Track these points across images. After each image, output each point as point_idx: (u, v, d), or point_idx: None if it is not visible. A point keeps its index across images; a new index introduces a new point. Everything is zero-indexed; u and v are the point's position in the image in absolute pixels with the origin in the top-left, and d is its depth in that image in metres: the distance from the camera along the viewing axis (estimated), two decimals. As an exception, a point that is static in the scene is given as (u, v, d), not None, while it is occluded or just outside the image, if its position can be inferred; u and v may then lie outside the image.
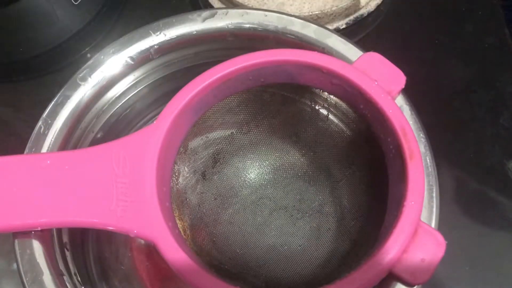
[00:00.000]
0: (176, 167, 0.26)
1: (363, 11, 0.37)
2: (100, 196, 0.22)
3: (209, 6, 0.39)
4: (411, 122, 0.24)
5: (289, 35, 0.28)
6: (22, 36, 0.40)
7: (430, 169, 0.24)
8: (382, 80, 0.24)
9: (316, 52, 0.25)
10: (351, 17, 0.37)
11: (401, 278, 0.20)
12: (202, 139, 0.28)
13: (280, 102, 0.28)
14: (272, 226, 0.25)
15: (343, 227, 0.25)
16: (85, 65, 0.28)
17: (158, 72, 0.31)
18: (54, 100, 0.27)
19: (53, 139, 0.26)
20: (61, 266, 0.24)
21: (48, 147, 0.26)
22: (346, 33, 0.30)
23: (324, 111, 0.28)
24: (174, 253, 0.20)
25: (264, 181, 0.24)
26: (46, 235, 0.24)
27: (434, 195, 0.24)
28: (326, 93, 0.27)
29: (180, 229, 0.24)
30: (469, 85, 0.38)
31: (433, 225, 0.23)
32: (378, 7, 0.38)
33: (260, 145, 0.27)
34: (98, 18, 0.42)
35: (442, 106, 0.38)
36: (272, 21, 0.28)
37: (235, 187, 0.28)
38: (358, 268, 0.21)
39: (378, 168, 0.25)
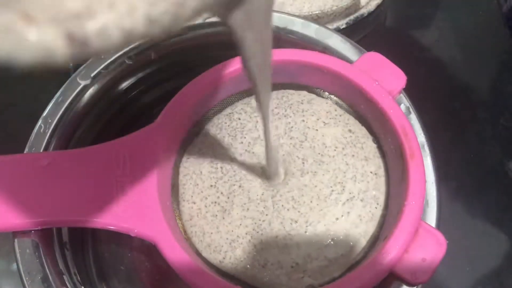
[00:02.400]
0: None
1: (363, 11, 0.37)
2: (100, 196, 0.22)
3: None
4: (411, 122, 0.24)
5: (289, 35, 0.28)
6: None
7: (430, 169, 0.24)
8: (382, 80, 0.24)
9: (316, 52, 0.25)
10: (352, 17, 0.37)
11: (402, 277, 0.20)
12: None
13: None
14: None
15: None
16: (85, 64, 0.28)
17: (158, 72, 0.31)
18: (54, 100, 0.27)
19: (53, 139, 0.26)
20: (61, 266, 0.24)
21: (48, 147, 0.26)
22: (346, 32, 0.30)
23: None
24: (175, 252, 0.20)
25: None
26: (46, 235, 0.24)
27: (434, 194, 0.23)
28: (326, 93, 0.27)
29: (181, 229, 0.24)
30: (469, 85, 0.38)
31: (433, 225, 0.23)
32: (378, 7, 0.38)
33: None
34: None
35: (442, 106, 0.38)
36: (273, 21, 0.28)
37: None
38: (359, 268, 0.21)
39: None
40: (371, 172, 0.24)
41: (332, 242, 0.22)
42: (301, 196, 0.23)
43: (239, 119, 0.26)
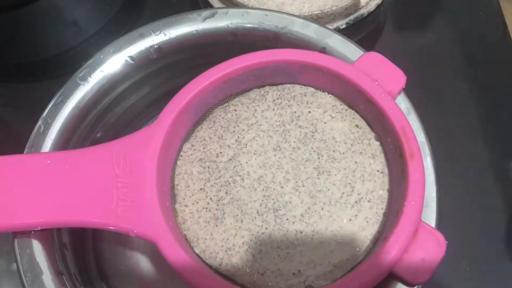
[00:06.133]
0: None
1: (363, 11, 0.37)
2: (100, 196, 0.22)
3: (209, 6, 0.39)
4: (411, 122, 0.24)
5: (289, 35, 0.28)
6: (35, 38, 0.40)
7: (430, 169, 0.24)
8: (382, 80, 0.24)
9: (316, 52, 0.25)
10: (351, 17, 0.37)
11: (401, 278, 0.20)
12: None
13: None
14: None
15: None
16: (85, 65, 0.28)
17: (158, 72, 0.31)
18: (54, 100, 0.27)
19: (53, 139, 0.26)
20: (61, 266, 0.24)
21: (48, 147, 0.26)
22: (346, 32, 0.30)
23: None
24: (175, 253, 0.20)
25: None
26: (46, 235, 0.24)
27: (434, 195, 0.24)
28: (326, 92, 0.27)
29: (180, 229, 0.24)
30: (469, 85, 0.38)
31: (433, 225, 0.23)
32: (378, 7, 0.38)
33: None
34: (113, 21, 0.42)
35: (442, 106, 0.38)
36: (273, 20, 0.28)
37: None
38: (358, 268, 0.21)
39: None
40: (377, 171, 0.24)
41: (338, 248, 0.22)
42: (314, 204, 0.23)
43: (235, 110, 0.26)
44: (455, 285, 0.31)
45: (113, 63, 0.28)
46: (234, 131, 0.25)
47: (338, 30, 0.36)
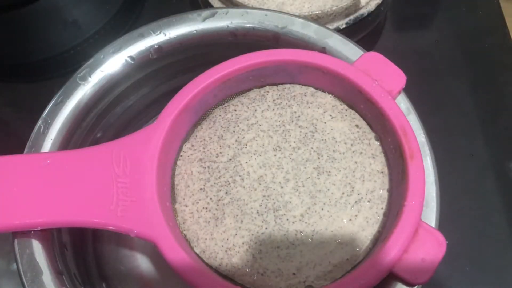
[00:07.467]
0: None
1: (363, 11, 0.37)
2: (100, 196, 0.22)
3: (209, 6, 0.39)
4: (411, 122, 0.24)
5: (289, 35, 0.28)
6: (35, 38, 0.40)
7: (430, 169, 0.24)
8: (382, 80, 0.24)
9: (316, 52, 0.25)
10: (351, 17, 0.37)
11: (401, 278, 0.20)
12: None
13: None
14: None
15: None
16: (85, 65, 0.28)
17: (158, 72, 0.31)
18: (54, 100, 0.27)
19: (53, 139, 0.26)
20: (61, 266, 0.24)
21: (48, 147, 0.26)
22: (346, 32, 0.30)
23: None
24: (175, 253, 0.20)
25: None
26: (46, 235, 0.24)
27: (434, 195, 0.23)
28: (326, 92, 0.27)
29: (180, 229, 0.24)
30: (469, 85, 0.38)
31: (433, 225, 0.23)
32: (378, 7, 0.38)
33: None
34: (112, 21, 0.42)
35: (442, 106, 0.38)
36: (273, 20, 0.28)
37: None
38: (358, 268, 0.21)
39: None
40: (377, 171, 0.24)
41: (338, 248, 0.22)
42: (314, 204, 0.23)
43: (235, 110, 0.26)
44: (455, 285, 0.31)
45: (113, 63, 0.28)
46: (234, 131, 0.25)
47: (338, 30, 0.36)
